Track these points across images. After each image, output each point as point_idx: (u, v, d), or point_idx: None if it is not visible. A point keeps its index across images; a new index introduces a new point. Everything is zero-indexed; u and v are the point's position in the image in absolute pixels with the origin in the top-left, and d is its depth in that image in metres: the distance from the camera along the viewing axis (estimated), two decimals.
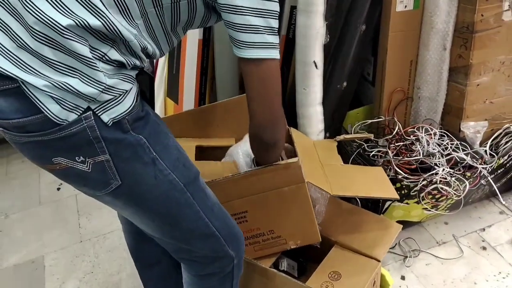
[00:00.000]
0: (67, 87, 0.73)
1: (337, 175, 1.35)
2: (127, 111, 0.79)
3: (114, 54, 0.76)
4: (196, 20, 0.88)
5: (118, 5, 0.75)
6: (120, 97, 0.78)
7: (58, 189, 2.10)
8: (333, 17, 1.49)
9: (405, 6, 1.48)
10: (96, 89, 0.74)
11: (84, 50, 0.72)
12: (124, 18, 0.77)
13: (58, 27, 0.70)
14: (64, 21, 0.70)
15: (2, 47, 0.73)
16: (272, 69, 0.85)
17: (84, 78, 0.74)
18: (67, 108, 0.74)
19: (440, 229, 1.71)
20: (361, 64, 1.68)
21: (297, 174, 1.14)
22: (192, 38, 1.68)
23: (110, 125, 0.77)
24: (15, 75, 0.71)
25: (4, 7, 0.73)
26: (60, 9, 0.71)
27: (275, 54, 0.85)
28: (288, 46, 1.68)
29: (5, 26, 0.73)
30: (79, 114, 0.75)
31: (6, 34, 0.73)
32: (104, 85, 0.75)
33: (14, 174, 2.25)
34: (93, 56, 0.74)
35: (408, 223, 1.63)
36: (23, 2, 0.71)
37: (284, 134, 1.04)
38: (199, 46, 1.69)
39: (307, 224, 1.22)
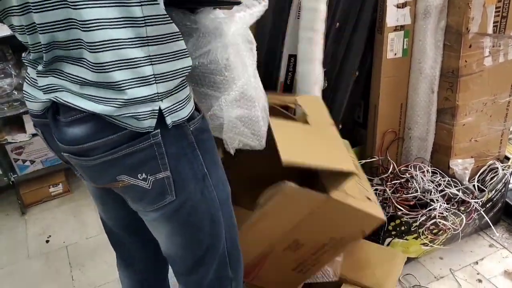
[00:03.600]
0: (135, 100, 0.77)
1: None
2: (189, 115, 0.84)
3: None
4: None
5: None
6: (184, 99, 0.84)
7: (47, 241, 2.02)
8: (329, 64, 1.60)
9: (395, 54, 1.61)
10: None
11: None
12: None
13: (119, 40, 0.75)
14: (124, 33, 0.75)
15: (71, 91, 0.78)
16: None
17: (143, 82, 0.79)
18: (143, 118, 0.78)
19: (436, 264, 1.77)
20: (354, 108, 1.78)
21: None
22: None
23: (176, 134, 0.82)
24: (85, 109, 0.77)
25: (67, 62, 0.78)
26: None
27: None
28: (286, 92, 1.77)
29: (70, 76, 0.79)
30: (155, 117, 0.80)
31: (71, 82, 0.78)
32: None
33: None
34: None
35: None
36: (88, 48, 0.75)
37: None
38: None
39: (361, 217, 1.22)
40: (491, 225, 1.70)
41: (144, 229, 0.98)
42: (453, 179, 1.68)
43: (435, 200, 1.59)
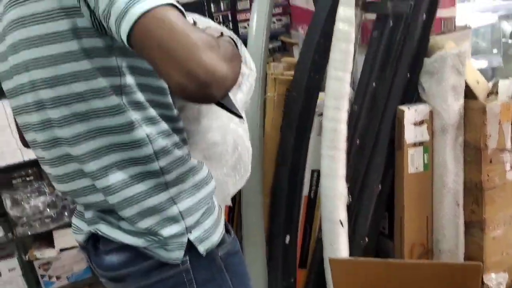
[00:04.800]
0: (165, 237, 0.83)
1: None
2: (219, 240, 0.88)
3: None
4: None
5: None
6: (212, 226, 0.88)
7: None
8: (352, 180, 1.64)
9: (416, 168, 1.64)
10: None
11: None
12: None
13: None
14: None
15: (110, 223, 0.85)
16: (159, 18, 0.63)
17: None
18: (171, 250, 0.83)
19: None
20: (379, 221, 1.78)
21: None
22: None
23: (205, 260, 0.85)
24: (121, 241, 0.83)
25: (104, 213, 0.87)
26: None
27: (155, 1, 0.64)
28: (310, 205, 1.79)
29: (108, 218, 0.86)
30: (183, 248, 0.84)
31: (110, 219, 0.85)
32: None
33: None
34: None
35: None
36: (116, 208, 0.83)
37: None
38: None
39: None
40: None
41: None
42: None
43: None
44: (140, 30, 0.62)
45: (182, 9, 0.67)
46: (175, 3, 0.66)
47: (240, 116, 0.86)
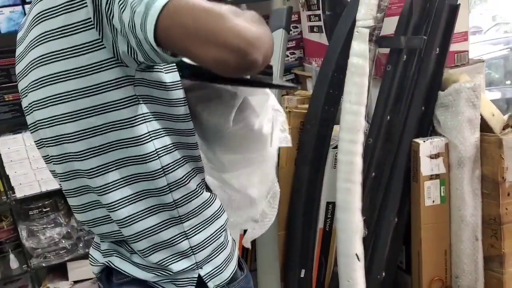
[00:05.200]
0: (175, 272, 0.83)
1: None
2: (230, 276, 0.88)
3: None
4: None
5: None
6: (224, 262, 0.88)
7: None
8: (368, 212, 1.63)
9: (433, 201, 1.63)
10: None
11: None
12: None
13: None
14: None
15: (123, 256, 0.85)
16: (177, 6, 0.61)
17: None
18: (181, 285, 0.83)
19: None
20: (396, 255, 1.75)
21: None
22: None
23: None
24: (132, 275, 0.84)
25: (117, 244, 0.88)
26: None
27: None
28: (325, 238, 1.78)
29: (120, 251, 0.87)
30: (194, 284, 0.84)
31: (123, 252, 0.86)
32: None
33: None
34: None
35: None
36: (127, 239, 0.84)
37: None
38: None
39: None
40: None
41: None
42: None
43: None
44: (164, 24, 0.60)
45: None
46: None
47: (292, 87, 0.82)
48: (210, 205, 0.86)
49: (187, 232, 0.83)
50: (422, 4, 1.58)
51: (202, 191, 0.85)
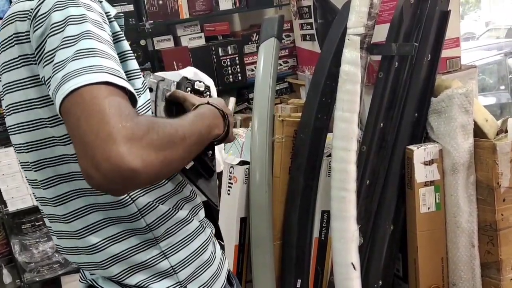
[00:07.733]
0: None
1: None
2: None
3: None
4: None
5: None
6: (210, 279, 0.87)
7: None
8: (363, 220, 1.62)
9: (428, 208, 1.62)
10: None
11: None
12: None
13: None
14: None
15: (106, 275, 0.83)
16: (84, 98, 0.59)
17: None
18: None
19: None
20: (392, 263, 1.74)
21: None
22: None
23: None
24: None
25: None
26: None
27: (89, 78, 0.60)
28: (321, 247, 1.76)
29: None
30: None
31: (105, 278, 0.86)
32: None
33: None
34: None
35: None
36: (99, 267, 0.83)
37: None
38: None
39: None
40: None
41: None
42: None
43: None
44: (65, 107, 0.60)
45: (128, 86, 0.63)
46: (118, 79, 0.62)
47: (216, 206, 0.88)
48: (189, 223, 0.84)
49: (165, 251, 0.81)
50: (413, 11, 1.58)
51: (176, 212, 0.82)
